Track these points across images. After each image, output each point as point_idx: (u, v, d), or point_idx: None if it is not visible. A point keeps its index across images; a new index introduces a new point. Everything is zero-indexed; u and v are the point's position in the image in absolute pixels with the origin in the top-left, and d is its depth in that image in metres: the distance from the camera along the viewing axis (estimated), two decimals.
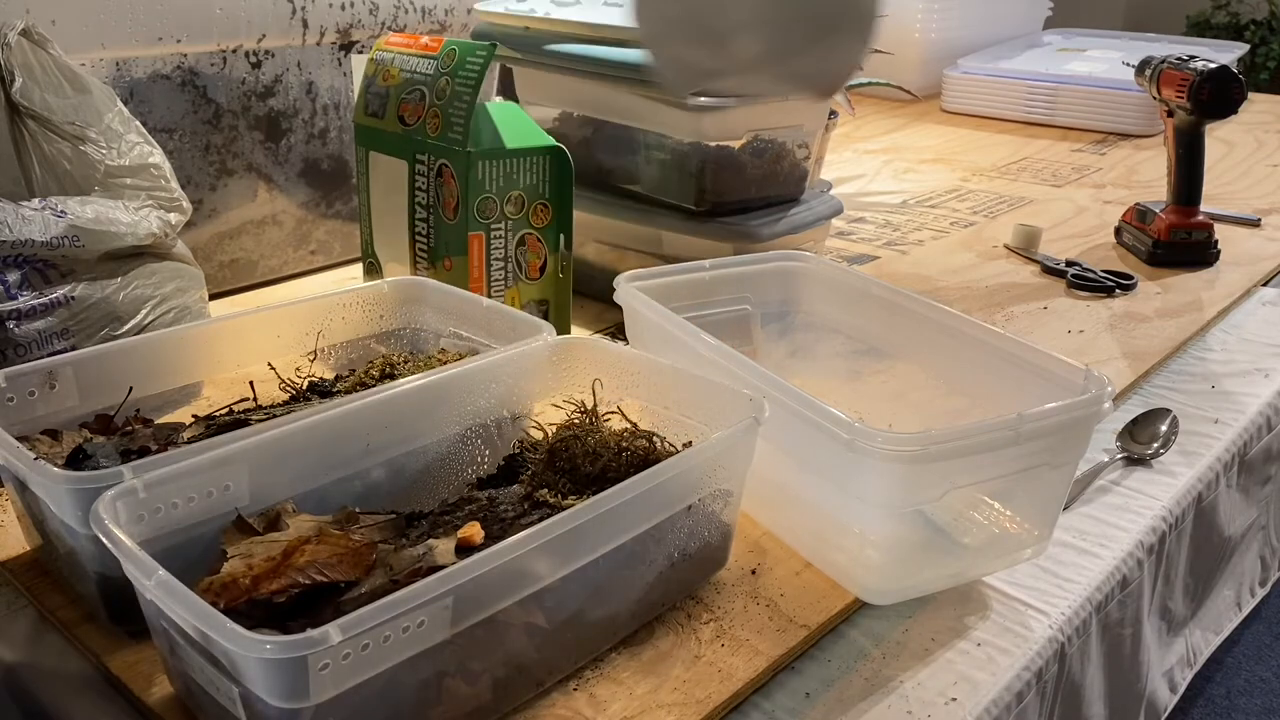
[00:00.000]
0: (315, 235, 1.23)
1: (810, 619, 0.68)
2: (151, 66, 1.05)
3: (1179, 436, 0.93)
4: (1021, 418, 0.66)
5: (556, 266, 0.99)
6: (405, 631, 0.51)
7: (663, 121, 1.08)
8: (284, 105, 1.16)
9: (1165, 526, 0.83)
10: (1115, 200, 1.50)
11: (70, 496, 0.59)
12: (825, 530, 0.73)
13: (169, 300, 0.91)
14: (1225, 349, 1.11)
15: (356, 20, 1.18)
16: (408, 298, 0.89)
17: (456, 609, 0.53)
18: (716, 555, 0.71)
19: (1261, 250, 1.35)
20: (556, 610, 0.60)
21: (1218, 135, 1.83)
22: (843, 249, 1.34)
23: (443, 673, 0.55)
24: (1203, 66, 1.21)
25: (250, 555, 0.58)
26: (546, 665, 0.61)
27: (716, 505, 0.68)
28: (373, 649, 0.50)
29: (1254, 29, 4.13)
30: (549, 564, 0.58)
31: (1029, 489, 0.72)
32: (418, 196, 0.98)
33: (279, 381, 0.80)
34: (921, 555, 0.71)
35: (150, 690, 0.61)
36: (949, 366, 0.83)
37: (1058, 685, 0.71)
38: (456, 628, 0.54)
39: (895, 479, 0.65)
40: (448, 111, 0.94)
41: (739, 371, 0.72)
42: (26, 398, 0.72)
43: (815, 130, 1.17)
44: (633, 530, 0.62)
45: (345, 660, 0.49)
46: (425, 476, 0.73)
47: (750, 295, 0.91)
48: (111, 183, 0.90)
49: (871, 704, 0.63)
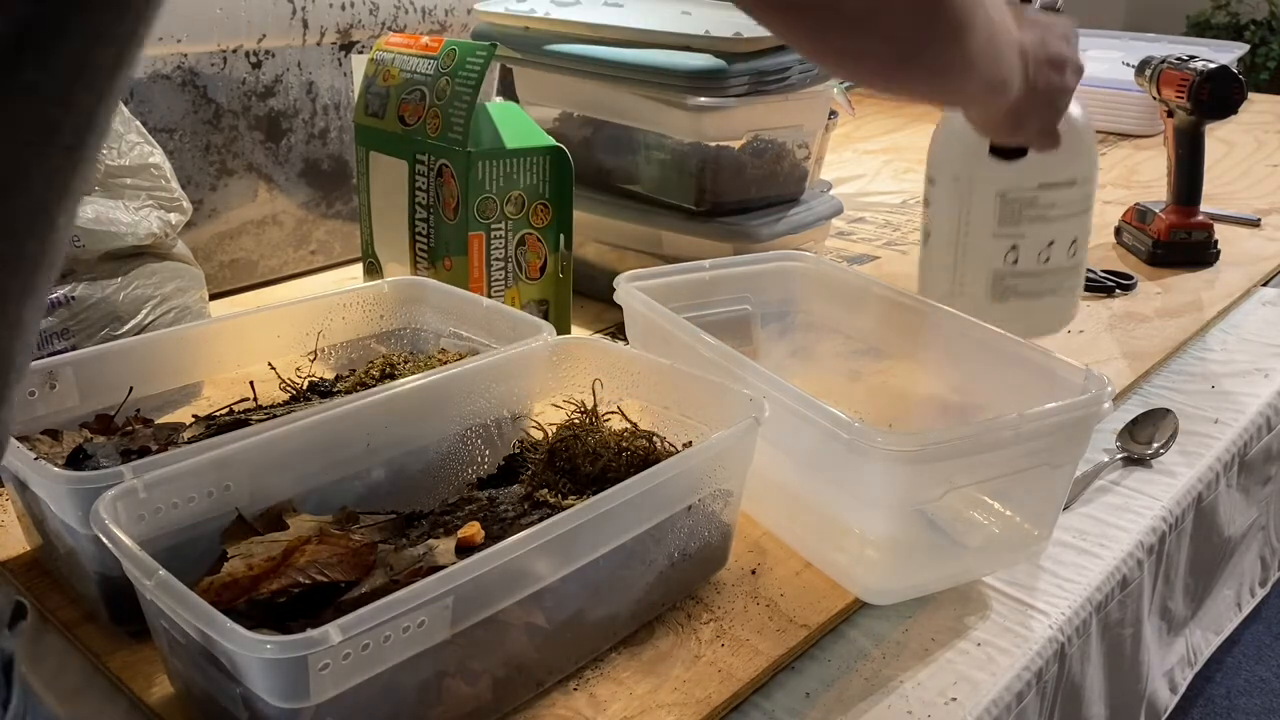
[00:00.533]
0: (315, 235, 1.23)
1: (810, 619, 0.68)
2: (152, 66, 1.05)
3: (1179, 436, 0.93)
4: (1022, 418, 0.66)
5: (556, 266, 0.99)
6: (405, 631, 0.51)
7: (663, 121, 1.08)
8: (284, 105, 1.16)
9: (1165, 526, 0.83)
10: (1115, 200, 1.50)
11: (70, 496, 0.59)
12: (825, 530, 0.73)
13: (169, 300, 0.91)
14: (1225, 349, 1.11)
15: (356, 20, 1.18)
16: (408, 298, 0.89)
17: (456, 609, 0.53)
18: (716, 555, 0.71)
19: (1261, 250, 1.35)
20: (556, 610, 0.60)
21: (1218, 135, 1.83)
22: (843, 249, 1.34)
23: (443, 672, 0.55)
24: (1203, 66, 1.21)
25: (250, 555, 0.58)
26: (546, 665, 0.61)
27: (716, 505, 0.68)
28: (373, 649, 0.50)
29: (1254, 29, 4.13)
30: (549, 564, 0.58)
31: (1029, 489, 0.72)
32: (418, 196, 0.98)
33: (279, 381, 0.80)
34: (921, 555, 0.71)
35: (150, 690, 0.61)
36: (949, 366, 0.83)
37: (1058, 685, 0.71)
38: (456, 627, 0.54)
39: (895, 479, 0.65)
40: (448, 111, 0.94)
41: (739, 371, 0.72)
42: (27, 398, 0.72)
43: (815, 130, 1.17)
44: (633, 530, 0.62)
45: (346, 660, 0.49)
46: (425, 476, 0.73)
47: (750, 295, 0.91)
48: (111, 183, 0.89)
49: (871, 704, 0.63)
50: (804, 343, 0.94)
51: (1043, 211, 0.87)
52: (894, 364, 0.88)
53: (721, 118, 1.05)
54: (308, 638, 0.48)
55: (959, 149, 0.89)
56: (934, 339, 0.83)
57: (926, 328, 0.84)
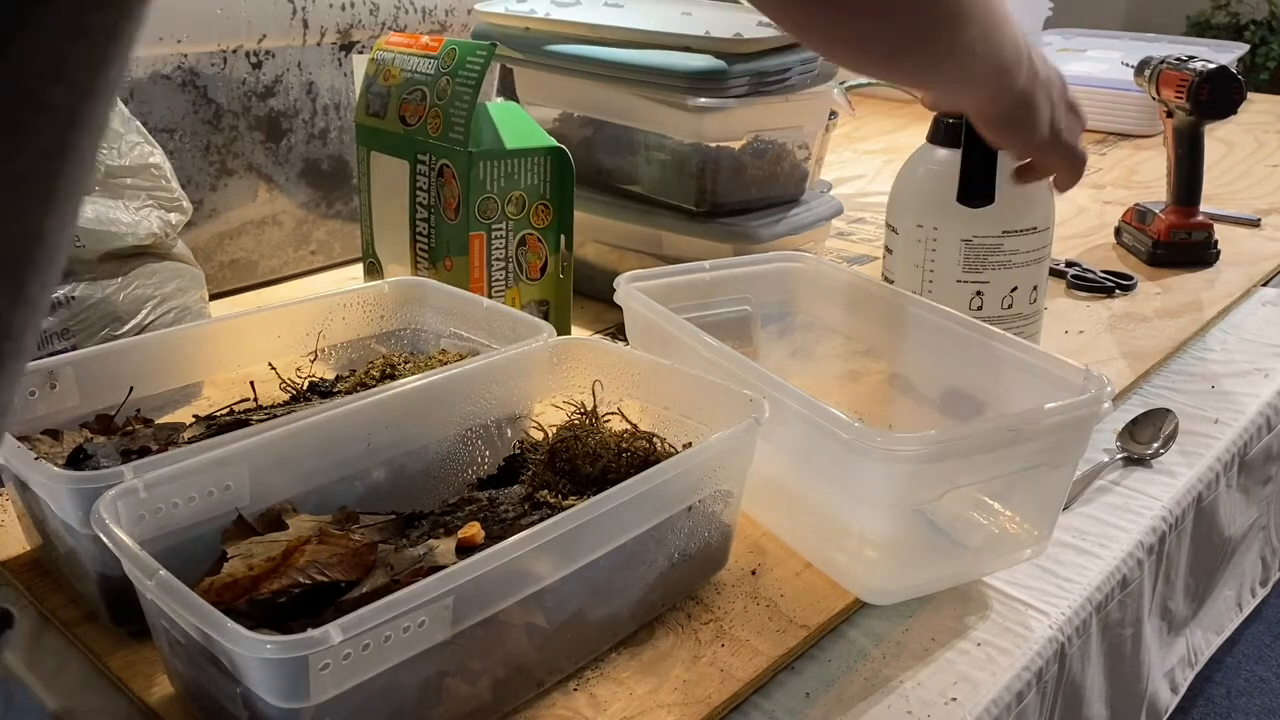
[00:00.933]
0: (315, 235, 1.23)
1: (810, 619, 0.68)
2: (152, 66, 1.05)
3: (1179, 436, 0.93)
4: (1021, 417, 0.66)
5: (557, 267, 0.99)
6: (406, 632, 0.51)
7: (663, 122, 1.08)
8: (284, 105, 1.16)
9: (1165, 526, 0.83)
10: (1115, 200, 1.50)
11: (71, 496, 0.59)
12: (825, 530, 0.73)
13: (169, 300, 0.91)
14: (1225, 349, 1.11)
15: (357, 20, 1.18)
16: (408, 298, 0.89)
17: (457, 609, 0.53)
18: (717, 556, 0.71)
19: (1261, 250, 1.35)
20: (557, 610, 0.60)
21: (1218, 135, 1.83)
22: (843, 249, 1.34)
23: (443, 673, 0.55)
24: (1202, 67, 1.21)
25: (250, 555, 0.58)
26: (547, 665, 0.61)
27: (717, 506, 0.68)
28: (373, 649, 0.50)
29: (1254, 29, 4.14)
30: (549, 564, 0.58)
31: (1029, 489, 0.72)
32: (419, 197, 0.98)
33: (279, 381, 0.80)
34: (921, 555, 0.71)
35: (150, 690, 0.61)
36: (948, 367, 0.83)
37: (1058, 685, 0.71)
38: (457, 627, 0.54)
39: (896, 479, 0.65)
40: (448, 111, 0.94)
41: (739, 372, 0.72)
42: (27, 398, 0.72)
43: (815, 131, 1.17)
44: (633, 531, 0.62)
45: (346, 660, 0.49)
46: (425, 477, 0.73)
47: (750, 296, 0.91)
48: (112, 183, 0.90)
49: (871, 704, 0.63)
50: (804, 343, 0.94)
51: (1006, 258, 0.89)
52: (894, 364, 0.88)
53: (722, 118, 1.05)
54: (308, 637, 0.48)
55: (923, 196, 0.92)
56: (933, 339, 0.83)
57: (926, 328, 0.84)
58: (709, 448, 0.65)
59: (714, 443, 0.65)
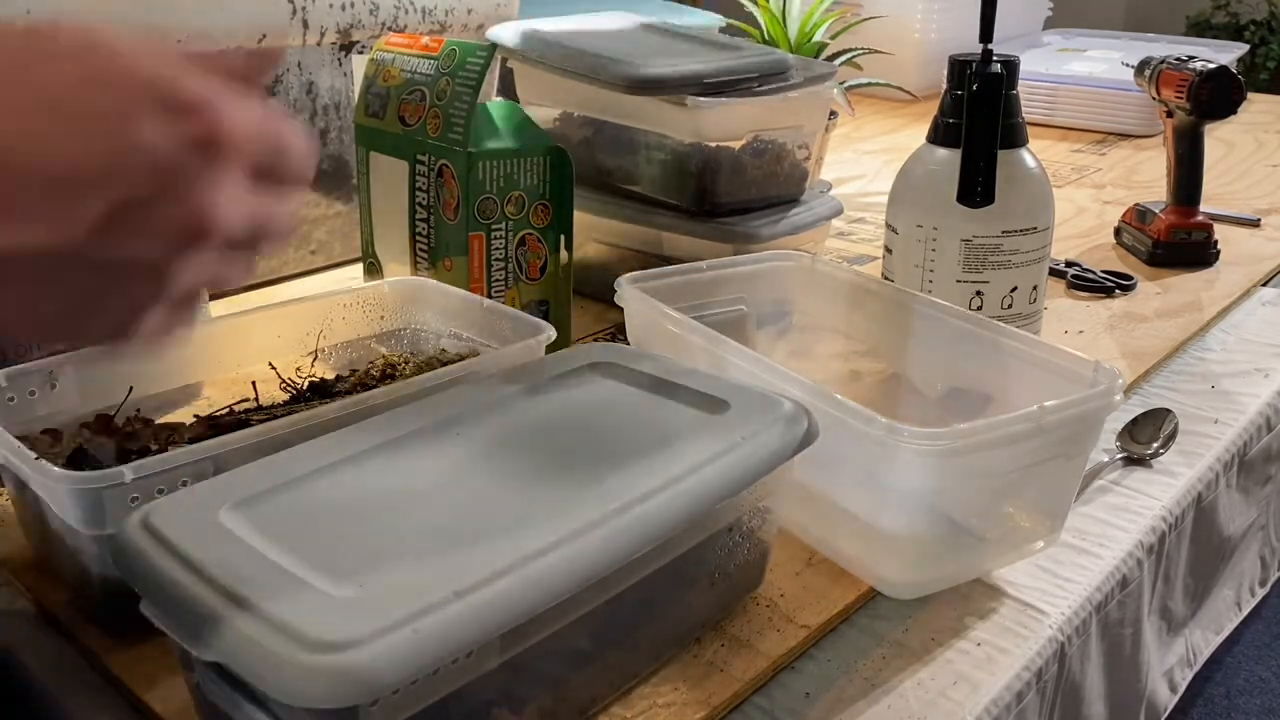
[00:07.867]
0: (315, 235, 1.23)
1: (810, 619, 0.68)
2: None
3: (1179, 436, 0.93)
4: (1043, 410, 0.66)
5: (557, 267, 0.99)
6: (455, 663, 0.49)
7: (663, 122, 1.08)
8: (284, 105, 1.16)
9: (1165, 526, 0.83)
10: (1115, 200, 1.50)
11: (71, 496, 0.59)
12: (846, 525, 0.72)
13: None
14: (1225, 349, 1.12)
15: (357, 21, 1.18)
16: (408, 298, 0.89)
17: (504, 636, 0.51)
18: (753, 574, 0.70)
19: (1261, 250, 1.35)
20: (602, 633, 0.59)
21: (1218, 135, 1.83)
22: (843, 249, 1.34)
23: (490, 701, 0.54)
24: (1202, 67, 1.21)
25: None
26: (590, 691, 0.60)
27: (756, 523, 0.67)
28: (422, 681, 0.48)
29: (1254, 29, 4.14)
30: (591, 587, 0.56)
31: (1043, 481, 0.72)
32: (418, 197, 0.98)
33: (280, 381, 0.80)
34: (941, 549, 0.71)
35: (150, 690, 0.61)
36: (952, 364, 0.83)
37: (1058, 685, 0.71)
38: (505, 655, 0.52)
39: (922, 473, 0.65)
40: (448, 112, 0.94)
41: (740, 368, 0.72)
42: (27, 397, 0.72)
43: (815, 131, 1.17)
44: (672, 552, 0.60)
45: (396, 695, 0.47)
46: None
47: (750, 296, 0.91)
48: None
49: (871, 704, 0.63)
50: (803, 343, 0.94)
51: (1006, 258, 0.90)
52: (894, 363, 0.88)
53: (722, 118, 1.05)
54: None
55: (923, 196, 0.92)
56: (936, 336, 0.83)
57: (928, 325, 0.84)
58: (755, 465, 0.62)
59: (762, 459, 0.62)
